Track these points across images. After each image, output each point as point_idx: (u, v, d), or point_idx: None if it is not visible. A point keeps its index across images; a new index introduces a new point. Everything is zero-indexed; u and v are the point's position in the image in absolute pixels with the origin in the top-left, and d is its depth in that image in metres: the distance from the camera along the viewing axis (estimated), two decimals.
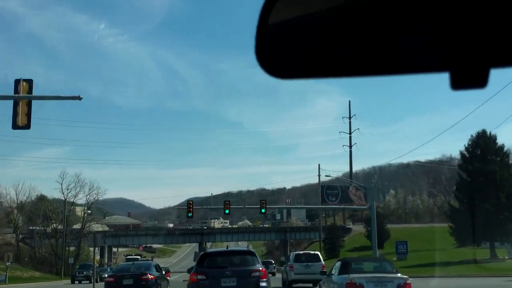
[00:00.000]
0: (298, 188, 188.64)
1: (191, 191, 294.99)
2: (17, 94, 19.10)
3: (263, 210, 47.59)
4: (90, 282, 49.01)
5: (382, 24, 1.59)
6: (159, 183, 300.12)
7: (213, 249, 27.29)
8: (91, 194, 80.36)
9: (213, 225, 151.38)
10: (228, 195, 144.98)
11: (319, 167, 65.30)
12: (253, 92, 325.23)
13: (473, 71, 1.63)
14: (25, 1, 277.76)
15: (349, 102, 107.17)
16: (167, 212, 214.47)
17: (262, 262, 19.25)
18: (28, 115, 18.30)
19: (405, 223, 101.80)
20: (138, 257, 71.04)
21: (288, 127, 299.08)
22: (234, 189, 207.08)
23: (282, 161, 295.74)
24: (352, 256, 64.10)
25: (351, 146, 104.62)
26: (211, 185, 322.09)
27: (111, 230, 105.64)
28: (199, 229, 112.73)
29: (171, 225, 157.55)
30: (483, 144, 57.56)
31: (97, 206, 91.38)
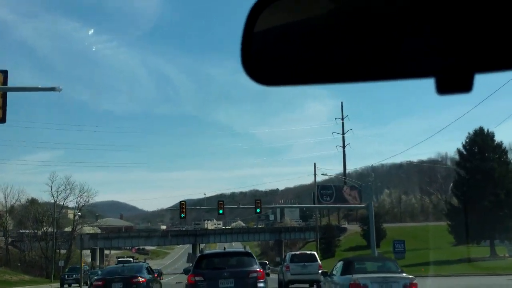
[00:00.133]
0: (291, 189, 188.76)
1: (184, 193, 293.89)
2: None
3: (258, 210, 46.73)
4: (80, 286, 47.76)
5: (368, 31, 1.61)
6: (151, 186, 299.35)
7: (210, 250, 27.66)
8: (81, 196, 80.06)
9: (206, 226, 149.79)
10: (221, 197, 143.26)
11: (315, 165, 64.08)
12: (243, 96, 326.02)
13: (458, 76, 1.64)
14: (15, 8, 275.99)
15: (341, 103, 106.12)
16: (160, 214, 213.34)
17: None
18: (3, 108, 17.01)
19: (400, 222, 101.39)
20: (130, 259, 69.90)
21: (279, 129, 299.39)
22: (226, 191, 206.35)
23: (274, 162, 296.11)
24: (349, 255, 63.44)
25: (344, 147, 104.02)
26: (204, 187, 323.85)
27: (103, 232, 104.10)
28: (192, 230, 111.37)
29: (164, 227, 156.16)
30: (481, 141, 57.11)
31: (88, 208, 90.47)
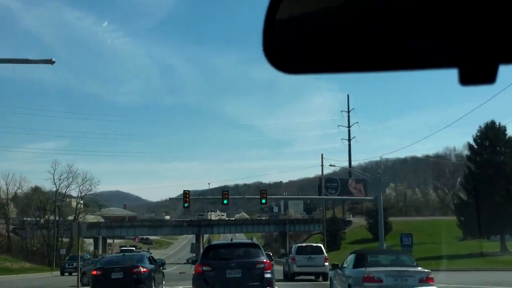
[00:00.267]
0: (295, 182, 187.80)
1: (188, 184, 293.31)
2: None
3: (263, 201, 45.62)
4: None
5: (392, 20, 1.59)
6: (156, 176, 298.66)
7: (217, 241, 27.76)
8: (84, 185, 79.32)
9: (210, 217, 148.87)
10: (225, 189, 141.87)
11: (322, 156, 62.76)
12: (250, 87, 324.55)
13: (482, 67, 1.62)
14: None
15: (347, 96, 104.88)
16: (164, 205, 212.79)
17: None
18: None
19: (406, 216, 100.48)
20: (133, 248, 69.12)
21: (284, 122, 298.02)
22: (230, 183, 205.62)
23: (279, 155, 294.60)
24: (354, 248, 62.33)
25: (350, 140, 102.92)
26: (208, 179, 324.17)
27: (105, 221, 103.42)
28: (196, 220, 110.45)
29: (168, 217, 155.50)
30: (492, 135, 55.98)
31: (91, 197, 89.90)
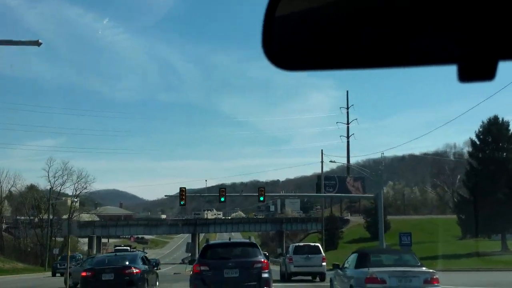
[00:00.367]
0: (292, 180, 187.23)
1: (185, 181, 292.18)
2: None
3: (261, 198, 44.59)
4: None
5: (391, 17, 1.59)
6: (152, 175, 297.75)
7: (215, 240, 27.11)
8: (79, 182, 77.98)
9: (206, 216, 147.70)
10: (221, 187, 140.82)
11: (322, 152, 61.72)
12: (247, 85, 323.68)
13: (481, 63, 1.61)
14: None
15: (347, 92, 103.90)
16: (160, 204, 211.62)
17: None
18: None
19: (404, 215, 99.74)
20: (127, 248, 67.81)
21: (281, 120, 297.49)
22: (227, 181, 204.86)
23: (276, 153, 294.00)
24: (352, 247, 61.55)
25: (349, 137, 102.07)
26: (205, 177, 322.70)
27: (100, 220, 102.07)
28: (192, 219, 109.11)
29: (164, 216, 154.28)
30: (495, 130, 54.77)
31: (86, 195, 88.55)
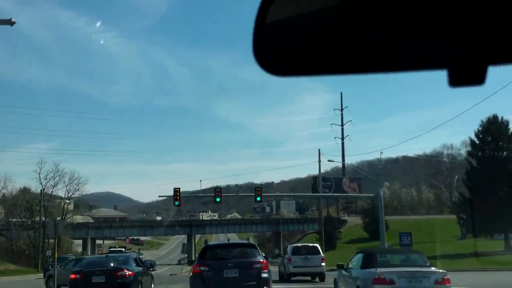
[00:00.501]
0: (287, 182, 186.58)
1: (179, 185, 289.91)
2: None
3: (258, 198, 43.65)
4: None
5: (381, 22, 1.59)
6: (147, 177, 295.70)
7: (214, 241, 26.93)
8: (71, 184, 76.96)
9: (201, 218, 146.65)
10: (216, 189, 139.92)
11: (319, 152, 60.93)
12: (241, 88, 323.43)
13: (471, 68, 1.61)
14: None
15: (341, 94, 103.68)
16: (155, 206, 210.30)
17: None
18: None
19: (401, 215, 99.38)
20: (122, 249, 66.99)
21: (275, 121, 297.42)
22: (222, 183, 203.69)
23: (270, 155, 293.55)
24: (351, 248, 60.75)
25: (343, 138, 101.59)
26: (199, 179, 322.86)
27: (94, 222, 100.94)
28: (187, 220, 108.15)
29: (159, 218, 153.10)
30: (495, 129, 54.05)
31: (80, 198, 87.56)
